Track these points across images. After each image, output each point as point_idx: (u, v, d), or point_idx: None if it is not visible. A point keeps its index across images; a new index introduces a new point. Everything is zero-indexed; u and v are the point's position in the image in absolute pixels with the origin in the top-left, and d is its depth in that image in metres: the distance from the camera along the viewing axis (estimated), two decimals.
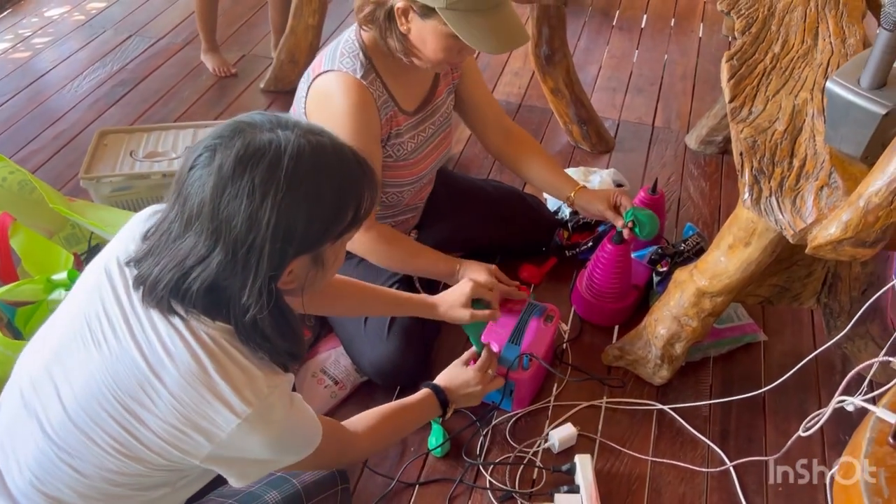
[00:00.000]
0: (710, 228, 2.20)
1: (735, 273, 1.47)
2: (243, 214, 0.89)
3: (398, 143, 1.63)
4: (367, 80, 1.51)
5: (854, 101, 1.23)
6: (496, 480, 1.56)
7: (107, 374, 0.97)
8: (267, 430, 0.99)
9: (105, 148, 2.19)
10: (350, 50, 1.52)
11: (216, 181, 0.89)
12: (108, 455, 0.98)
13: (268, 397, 0.98)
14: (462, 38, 1.39)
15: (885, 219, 1.13)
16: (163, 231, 0.96)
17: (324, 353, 1.73)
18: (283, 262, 0.93)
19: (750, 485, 1.56)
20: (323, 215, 0.94)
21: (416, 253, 1.69)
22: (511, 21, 1.45)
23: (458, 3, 1.36)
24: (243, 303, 0.93)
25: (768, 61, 1.62)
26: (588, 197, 1.77)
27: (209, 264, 0.91)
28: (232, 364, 0.96)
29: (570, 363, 1.81)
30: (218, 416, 0.95)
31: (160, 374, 0.95)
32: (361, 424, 1.32)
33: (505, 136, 1.86)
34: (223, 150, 0.90)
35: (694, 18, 3.43)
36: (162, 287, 0.93)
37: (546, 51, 2.35)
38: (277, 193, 0.89)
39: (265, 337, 0.98)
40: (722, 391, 1.73)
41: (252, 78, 2.96)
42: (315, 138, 0.94)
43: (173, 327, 0.96)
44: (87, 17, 3.41)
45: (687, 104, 2.83)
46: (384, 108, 1.56)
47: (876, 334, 1.71)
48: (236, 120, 0.95)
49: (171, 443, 0.97)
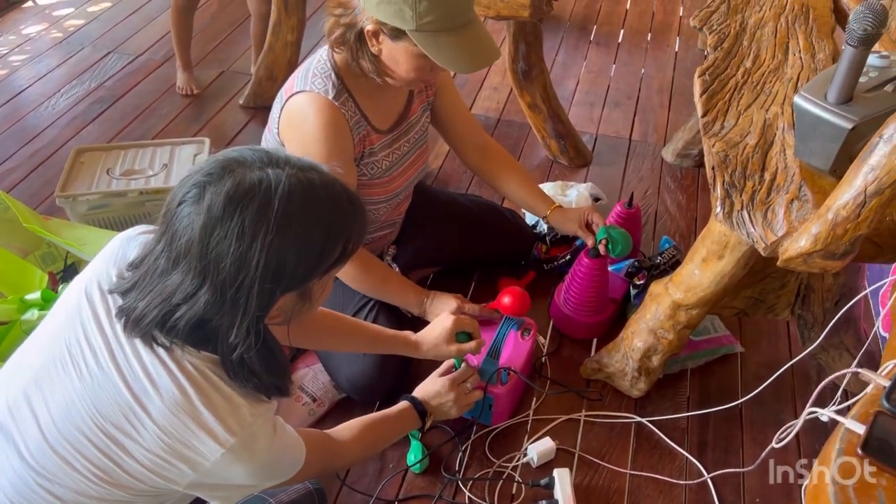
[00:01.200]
0: (686, 241, 2.22)
1: (709, 286, 1.48)
2: (233, 255, 0.88)
3: (372, 162, 1.64)
4: (339, 101, 1.51)
5: (822, 116, 1.25)
6: (475, 496, 1.56)
7: (88, 401, 0.96)
8: (251, 460, 0.99)
9: (81, 166, 2.18)
10: (322, 70, 1.52)
11: (205, 221, 0.88)
12: (88, 481, 0.97)
13: (251, 426, 0.98)
14: (433, 58, 1.39)
15: (853, 231, 1.14)
16: (149, 265, 0.95)
17: (302, 370, 1.73)
18: (271, 301, 0.93)
19: (727, 496, 1.57)
20: (312, 254, 0.94)
21: (387, 280, 1.71)
22: (481, 38, 1.45)
23: (426, 25, 1.36)
24: (231, 341, 0.93)
25: (740, 76, 1.65)
26: (561, 217, 1.83)
27: (196, 302, 0.91)
28: (216, 393, 0.96)
29: (549, 377, 1.82)
30: (202, 445, 0.95)
31: (144, 404, 0.94)
32: (347, 433, 1.34)
33: (481, 152, 1.88)
34: (213, 188, 0.89)
35: (670, 33, 3.47)
36: (147, 322, 0.93)
37: (523, 66, 2.37)
38: (267, 235, 0.88)
39: (253, 372, 0.98)
40: (699, 403, 1.74)
41: (231, 94, 2.95)
42: (305, 176, 0.93)
43: (157, 357, 0.95)
44: (65, 35, 3.41)
45: (663, 118, 2.86)
46: (357, 127, 1.56)
47: (850, 345, 1.73)
48: (226, 156, 0.94)
49: (154, 471, 0.96)
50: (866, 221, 1.13)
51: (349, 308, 1.69)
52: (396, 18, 1.36)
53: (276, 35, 2.67)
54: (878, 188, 1.10)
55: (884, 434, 0.87)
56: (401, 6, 1.34)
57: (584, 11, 3.66)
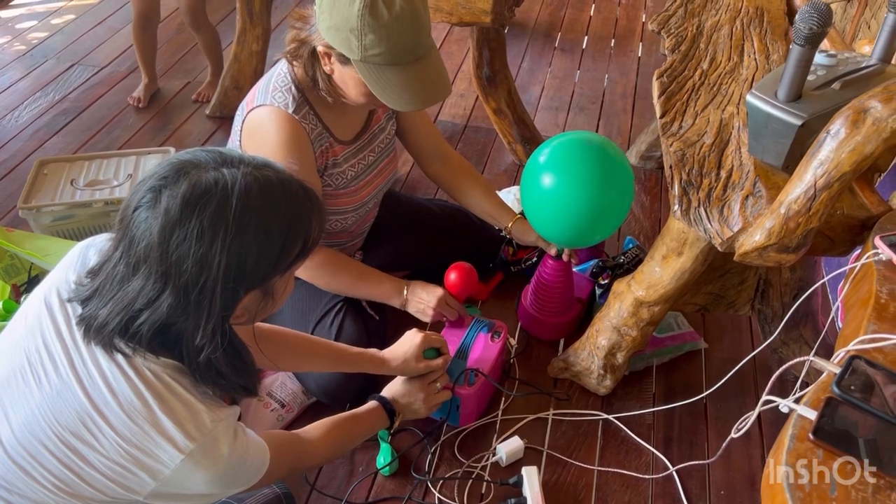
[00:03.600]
0: (650, 241, 2.25)
1: (670, 282, 1.51)
2: (193, 257, 0.88)
3: (337, 173, 1.64)
4: (300, 115, 1.51)
5: (772, 114, 1.28)
6: (445, 496, 1.57)
7: (47, 411, 0.95)
8: (211, 466, 0.98)
9: (45, 177, 2.17)
10: (282, 84, 1.52)
11: (163, 224, 0.87)
12: (48, 492, 0.96)
13: (212, 431, 0.97)
14: (374, 92, 1.38)
15: (804, 225, 1.18)
16: (108, 272, 0.94)
17: (270, 377, 1.73)
18: (235, 301, 0.93)
19: (693, 489, 1.60)
20: (272, 251, 0.94)
21: (361, 277, 1.70)
22: (432, 74, 1.43)
23: (372, 57, 1.35)
24: (197, 343, 0.93)
25: (697, 78, 1.68)
26: (523, 227, 1.85)
27: (159, 307, 0.90)
28: (175, 399, 0.95)
29: (517, 377, 1.83)
30: (161, 452, 0.94)
31: (103, 411, 0.93)
32: (315, 432, 1.34)
33: (442, 162, 1.90)
34: (169, 191, 0.88)
35: (633, 39, 3.52)
36: (110, 330, 0.92)
37: (487, 72, 2.39)
38: (227, 235, 0.88)
39: (220, 374, 0.98)
40: (665, 399, 1.77)
41: (197, 105, 2.95)
42: (261, 174, 0.93)
43: (116, 364, 0.95)
44: (28, 48, 3.38)
45: (627, 121, 2.90)
46: (318, 140, 1.57)
47: (809, 338, 1.77)
48: (180, 159, 0.93)
49: (114, 480, 0.95)
50: (817, 215, 1.16)
51: (316, 312, 1.70)
52: (344, 46, 1.36)
53: (242, 45, 2.67)
54: (828, 182, 1.13)
55: (834, 419, 0.89)
56: (347, 35, 1.33)
57: (548, 18, 3.70)
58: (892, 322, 1.01)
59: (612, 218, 1.66)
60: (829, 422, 0.89)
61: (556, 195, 1.61)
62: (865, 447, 0.85)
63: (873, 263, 1.11)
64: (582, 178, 1.60)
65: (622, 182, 1.63)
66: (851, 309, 1.13)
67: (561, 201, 1.61)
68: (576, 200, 1.60)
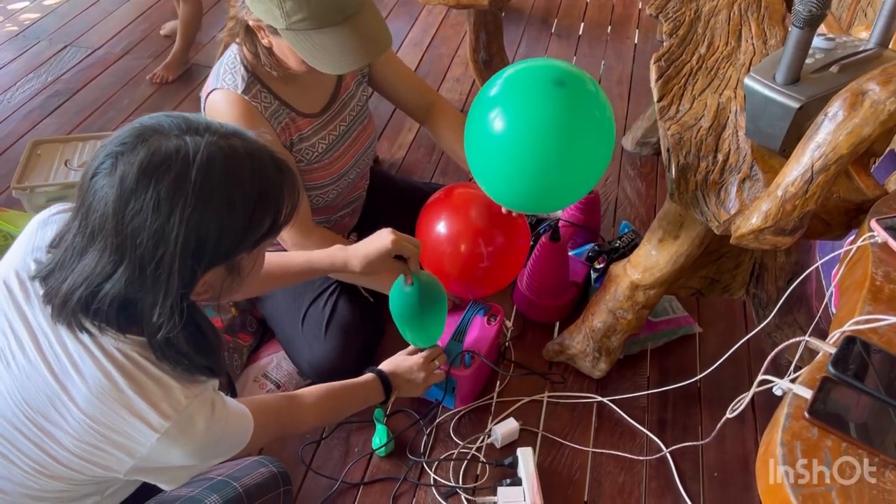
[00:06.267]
0: (646, 227, 2.22)
1: (666, 266, 1.52)
2: (149, 230, 0.83)
3: (306, 147, 1.61)
4: (251, 94, 1.48)
5: (770, 97, 1.28)
6: (440, 477, 1.57)
7: (17, 393, 0.93)
8: (189, 442, 0.96)
9: (38, 158, 2.16)
10: (231, 66, 1.50)
11: (119, 194, 0.83)
12: (26, 474, 0.96)
13: (187, 409, 0.94)
14: (304, 58, 1.35)
15: (801, 207, 1.18)
16: (67, 243, 0.90)
17: (265, 358, 1.73)
18: (194, 278, 0.89)
19: (686, 471, 1.61)
20: (237, 227, 0.89)
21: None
22: (366, 29, 1.37)
23: (296, 24, 1.31)
24: (155, 321, 0.89)
25: (694, 62, 1.68)
26: None
27: (117, 281, 0.86)
28: (145, 377, 0.92)
29: (513, 360, 1.84)
30: (135, 432, 0.92)
31: (70, 392, 0.91)
32: (309, 398, 1.33)
33: (427, 110, 1.81)
34: (126, 158, 0.84)
35: (629, 25, 3.52)
36: (73, 304, 0.89)
37: (484, 56, 2.39)
38: (186, 207, 0.83)
39: (181, 353, 0.94)
40: (659, 382, 1.78)
41: (193, 86, 2.93)
42: (227, 143, 0.88)
43: (81, 343, 0.92)
44: (21, 28, 3.35)
45: (623, 108, 2.90)
46: (276, 116, 1.53)
47: (803, 322, 1.78)
48: (142, 123, 0.88)
49: (88, 460, 0.94)
50: (814, 197, 1.17)
51: (309, 294, 1.69)
52: (268, 16, 1.33)
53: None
54: (825, 164, 1.13)
55: (829, 398, 0.90)
56: (269, 5, 1.30)
57: (545, 4, 3.69)
58: (887, 304, 1.01)
59: (580, 176, 1.31)
60: (823, 401, 0.90)
61: (506, 144, 1.27)
62: (858, 427, 0.86)
63: (869, 246, 1.11)
64: (541, 121, 1.25)
65: (597, 129, 1.29)
66: (846, 291, 1.14)
67: (513, 152, 1.27)
68: (532, 153, 1.26)
